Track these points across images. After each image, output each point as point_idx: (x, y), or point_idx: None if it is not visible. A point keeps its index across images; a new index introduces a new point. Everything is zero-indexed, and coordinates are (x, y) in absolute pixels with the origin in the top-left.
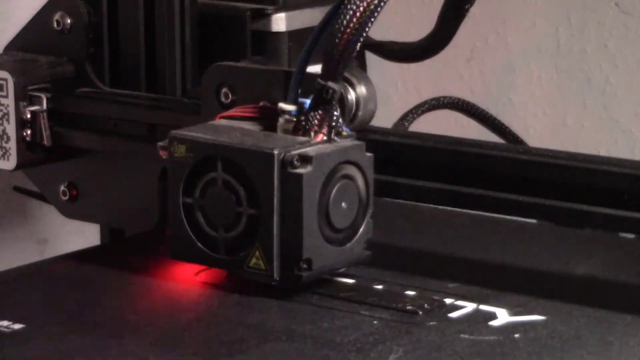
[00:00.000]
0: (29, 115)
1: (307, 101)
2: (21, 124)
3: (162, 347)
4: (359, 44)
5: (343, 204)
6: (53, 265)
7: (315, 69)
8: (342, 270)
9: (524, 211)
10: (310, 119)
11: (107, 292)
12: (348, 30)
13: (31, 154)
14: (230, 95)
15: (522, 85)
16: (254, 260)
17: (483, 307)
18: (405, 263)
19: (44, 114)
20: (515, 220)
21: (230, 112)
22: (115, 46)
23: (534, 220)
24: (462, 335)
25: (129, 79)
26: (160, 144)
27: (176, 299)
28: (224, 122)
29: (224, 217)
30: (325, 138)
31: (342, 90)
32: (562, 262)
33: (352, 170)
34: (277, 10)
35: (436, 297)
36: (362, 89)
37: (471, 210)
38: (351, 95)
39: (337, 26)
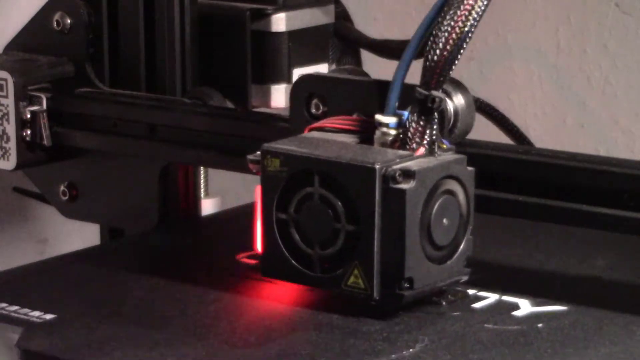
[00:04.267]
0: (28, 115)
1: (405, 113)
2: (21, 124)
3: (191, 336)
4: (462, 50)
5: (444, 220)
6: (66, 262)
7: (312, 68)
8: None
9: (524, 211)
10: (412, 131)
11: (132, 286)
12: (454, 35)
13: (31, 154)
14: (321, 107)
15: (522, 85)
16: (352, 279)
17: (505, 297)
18: None
19: (44, 114)
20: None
21: (322, 123)
22: (115, 46)
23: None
24: (485, 325)
25: (129, 79)
26: (250, 157)
27: (202, 290)
28: (316, 134)
29: (321, 233)
30: (426, 151)
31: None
32: (581, 256)
33: (453, 185)
34: (277, 10)
35: (459, 288)
36: (460, 99)
37: None
38: (449, 106)
39: (440, 33)
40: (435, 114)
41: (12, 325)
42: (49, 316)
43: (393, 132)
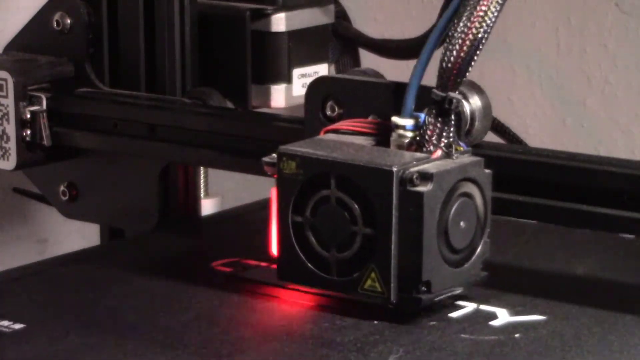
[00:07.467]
0: (28, 115)
1: (422, 115)
2: (21, 124)
3: (163, 346)
4: (478, 52)
5: (462, 223)
6: (53, 266)
7: (312, 68)
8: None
9: (524, 211)
10: (429, 134)
11: (107, 292)
12: (470, 36)
13: (31, 154)
14: (336, 109)
15: (522, 85)
16: (369, 282)
17: (483, 307)
18: None
19: (44, 114)
20: (515, 220)
21: (337, 126)
22: (115, 46)
23: (533, 221)
24: (462, 335)
25: (129, 79)
26: (265, 159)
27: (176, 298)
28: (332, 136)
29: (337, 236)
30: (442, 154)
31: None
32: (562, 262)
33: (471, 188)
34: (277, 10)
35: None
36: (476, 101)
37: None
38: (466, 108)
39: (456, 34)
40: (452, 115)
41: None
42: (17, 326)
43: (410, 134)
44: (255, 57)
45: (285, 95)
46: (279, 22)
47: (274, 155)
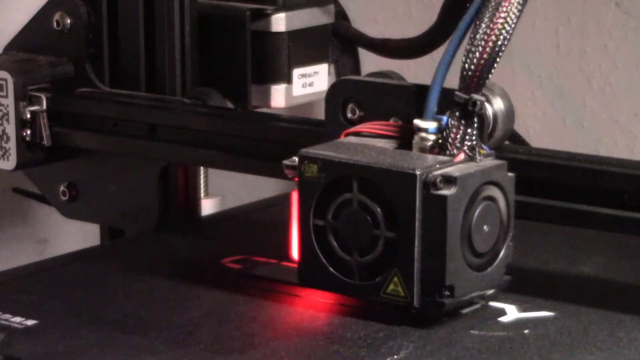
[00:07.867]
0: (28, 115)
1: (444, 118)
2: (21, 124)
3: (173, 342)
4: (501, 53)
5: (485, 227)
6: (53, 266)
7: (312, 68)
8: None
9: (523, 212)
10: (452, 136)
11: (115, 290)
12: (493, 37)
13: (31, 154)
14: (357, 111)
15: (522, 85)
16: (391, 287)
17: (492, 303)
18: None
19: (44, 114)
20: (517, 220)
21: (358, 128)
22: (115, 46)
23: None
24: (471, 331)
25: (129, 79)
26: (286, 162)
27: (185, 296)
28: (353, 139)
29: (359, 240)
30: (465, 157)
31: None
32: (570, 260)
33: (494, 191)
34: (277, 10)
35: None
36: (499, 103)
37: None
38: (489, 111)
39: (478, 36)
40: (475, 118)
41: None
42: (30, 322)
43: (432, 137)
44: (255, 57)
45: (285, 95)
46: (279, 22)
47: (295, 158)
